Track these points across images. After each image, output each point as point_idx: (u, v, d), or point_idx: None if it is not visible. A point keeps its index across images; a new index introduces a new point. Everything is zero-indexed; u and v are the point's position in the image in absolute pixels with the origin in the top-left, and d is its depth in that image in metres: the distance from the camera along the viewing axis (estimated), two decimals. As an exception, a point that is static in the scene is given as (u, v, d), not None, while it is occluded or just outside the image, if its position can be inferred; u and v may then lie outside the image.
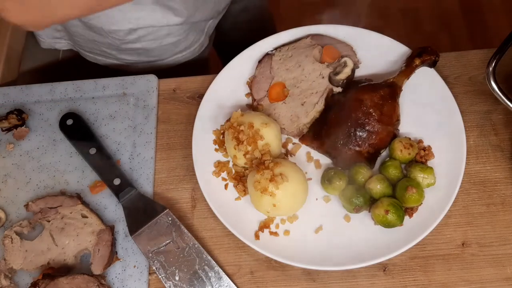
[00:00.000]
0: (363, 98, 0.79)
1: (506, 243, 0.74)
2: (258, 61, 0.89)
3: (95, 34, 0.96)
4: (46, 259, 0.76)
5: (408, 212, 0.75)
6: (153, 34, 0.95)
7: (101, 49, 1.01)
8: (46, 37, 1.05)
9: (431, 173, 0.75)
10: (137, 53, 1.00)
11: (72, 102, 0.91)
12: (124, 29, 0.92)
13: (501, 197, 0.77)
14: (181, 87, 0.92)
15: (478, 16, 1.99)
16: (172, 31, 0.97)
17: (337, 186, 0.76)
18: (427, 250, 0.75)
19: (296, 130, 0.83)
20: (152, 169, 0.84)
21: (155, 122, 0.88)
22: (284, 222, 0.78)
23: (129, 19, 0.91)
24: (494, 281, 0.72)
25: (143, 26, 0.93)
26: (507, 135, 0.82)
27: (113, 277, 0.76)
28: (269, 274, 0.75)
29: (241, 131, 0.78)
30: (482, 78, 0.86)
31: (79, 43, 1.04)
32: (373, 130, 0.78)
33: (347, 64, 0.84)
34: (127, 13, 0.90)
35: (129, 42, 0.96)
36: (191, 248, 0.76)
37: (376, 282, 0.74)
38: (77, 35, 1.00)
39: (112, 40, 0.96)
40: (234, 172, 0.82)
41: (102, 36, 0.95)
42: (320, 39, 0.89)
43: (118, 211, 0.81)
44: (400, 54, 0.87)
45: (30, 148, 0.87)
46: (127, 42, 0.96)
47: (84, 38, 1.00)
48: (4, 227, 0.80)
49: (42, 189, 0.83)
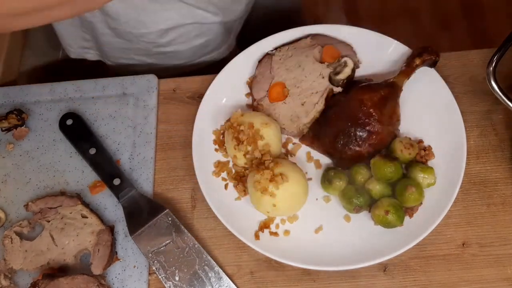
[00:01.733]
0: (363, 98, 0.79)
1: (506, 243, 0.74)
2: (258, 61, 0.89)
3: (125, 41, 0.95)
4: (46, 259, 0.76)
5: (408, 213, 0.75)
6: (184, 36, 0.95)
7: (130, 56, 1.00)
8: (75, 47, 1.05)
9: (431, 173, 0.75)
10: (168, 56, 0.99)
11: (72, 102, 0.91)
12: (155, 30, 0.92)
13: (501, 197, 0.77)
14: (181, 87, 0.92)
15: (478, 16, 1.99)
16: (203, 31, 0.96)
17: (337, 186, 0.76)
18: (427, 250, 0.75)
19: (296, 130, 0.83)
20: (152, 169, 0.84)
21: (155, 122, 0.88)
22: (284, 222, 0.78)
23: (159, 20, 0.91)
24: (495, 281, 0.72)
25: (174, 26, 0.92)
26: (507, 135, 0.82)
27: (113, 277, 0.76)
28: (269, 274, 0.75)
29: (241, 131, 0.78)
30: (482, 78, 0.86)
31: (107, 53, 1.03)
32: (373, 130, 0.78)
33: (347, 64, 0.84)
34: (157, 13, 0.90)
35: (160, 46, 0.96)
36: (191, 248, 0.76)
37: (376, 282, 0.73)
38: (106, 44, 0.99)
39: (143, 44, 0.95)
40: (234, 172, 0.82)
41: (132, 42, 0.95)
42: (320, 39, 0.89)
43: (118, 211, 0.81)
44: (400, 54, 0.86)
45: (30, 148, 0.87)
46: (158, 45, 0.96)
47: (113, 47, 0.99)
48: (4, 227, 0.80)
49: (42, 189, 0.83)
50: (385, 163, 0.74)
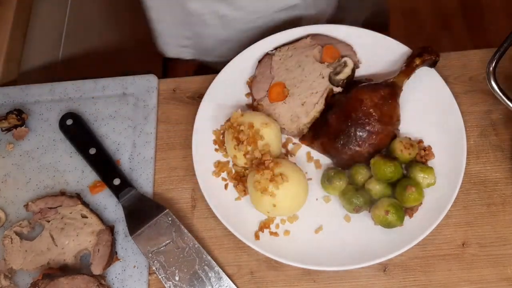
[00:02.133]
0: (363, 98, 0.79)
1: (506, 243, 0.74)
2: (258, 61, 0.89)
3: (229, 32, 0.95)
4: (46, 259, 0.76)
5: (408, 212, 0.75)
6: None
7: (230, 47, 0.99)
8: (173, 45, 1.04)
9: (431, 173, 0.75)
10: None
11: (72, 102, 0.91)
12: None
13: (501, 197, 0.77)
14: (181, 87, 0.92)
15: (478, 16, 1.99)
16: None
17: (337, 186, 0.76)
18: (427, 250, 0.75)
19: (296, 130, 0.83)
20: (152, 169, 0.84)
21: (155, 122, 0.88)
22: (284, 222, 0.78)
23: None
24: (495, 281, 0.72)
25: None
26: (507, 135, 0.82)
27: (113, 277, 0.76)
28: (269, 274, 0.75)
29: (241, 131, 0.78)
30: (482, 78, 0.86)
31: (207, 48, 1.02)
32: (373, 130, 0.78)
33: (347, 64, 0.84)
34: None
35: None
36: (191, 248, 0.76)
37: (376, 282, 0.73)
38: (209, 37, 0.98)
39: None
40: (234, 172, 0.82)
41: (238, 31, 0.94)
42: (320, 39, 0.89)
43: (118, 211, 0.81)
44: (400, 54, 0.86)
45: (30, 148, 0.87)
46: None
47: (216, 40, 0.98)
48: (4, 227, 0.80)
49: (42, 189, 0.83)
50: (385, 163, 0.74)
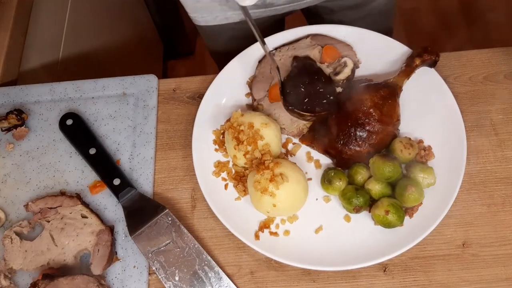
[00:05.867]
0: (363, 98, 0.79)
1: (506, 243, 0.74)
2: (258, 61, 0.89)
3: None
4: (46, 259, 0.76)
5: (408, 212, 0.75)
6: None
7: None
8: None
9: (431, 173, 0.75)
10: None
11: (72, 102, 0.91)
12: None
13: (501, 197, 0.77)
14: (181, 87, 0.92)
15: (478, 16, 1.99)
16: None
17: (337, 187, 0.76)
18: (427, 250, 0.75)
19: (296, 130, 0.83)
20: (152, 169, 0.84)
21: (155, 122, 0.88)
22: (284, 222, 0.78)
23: None
24: (495, 281, 0.72)
25: None
26: (507, 135, 0.82)
27: (113, 277, 0.76)
28: (269, 274, 0.75)
29: (241, 131, 0.78)
30: (482, 78, 0.86)
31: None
32: (373, 130, 0.78)
33: (347, 64, 0.84)
34: None
35: None
36: (191, 248, 0.76)
37: (376, 282, 0.73)
38: None
39: None
40: (234, 172, 0.82)
41: None
42: (320, 39, 0.89)
43: (118, 211, 0.81)
44: (400, 54, 0.86)
45: (30, 148, 0.87)
46: None
47: None
48: (4, 227, 0.80)
49: (42, 189, 0.83)
50: (384, 163, 0.74)
